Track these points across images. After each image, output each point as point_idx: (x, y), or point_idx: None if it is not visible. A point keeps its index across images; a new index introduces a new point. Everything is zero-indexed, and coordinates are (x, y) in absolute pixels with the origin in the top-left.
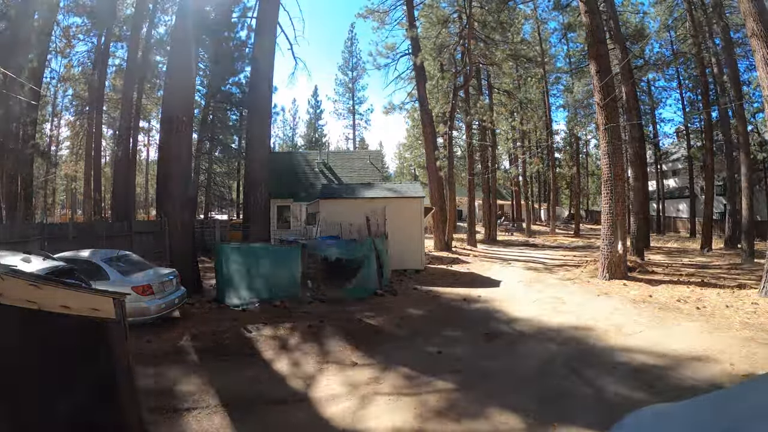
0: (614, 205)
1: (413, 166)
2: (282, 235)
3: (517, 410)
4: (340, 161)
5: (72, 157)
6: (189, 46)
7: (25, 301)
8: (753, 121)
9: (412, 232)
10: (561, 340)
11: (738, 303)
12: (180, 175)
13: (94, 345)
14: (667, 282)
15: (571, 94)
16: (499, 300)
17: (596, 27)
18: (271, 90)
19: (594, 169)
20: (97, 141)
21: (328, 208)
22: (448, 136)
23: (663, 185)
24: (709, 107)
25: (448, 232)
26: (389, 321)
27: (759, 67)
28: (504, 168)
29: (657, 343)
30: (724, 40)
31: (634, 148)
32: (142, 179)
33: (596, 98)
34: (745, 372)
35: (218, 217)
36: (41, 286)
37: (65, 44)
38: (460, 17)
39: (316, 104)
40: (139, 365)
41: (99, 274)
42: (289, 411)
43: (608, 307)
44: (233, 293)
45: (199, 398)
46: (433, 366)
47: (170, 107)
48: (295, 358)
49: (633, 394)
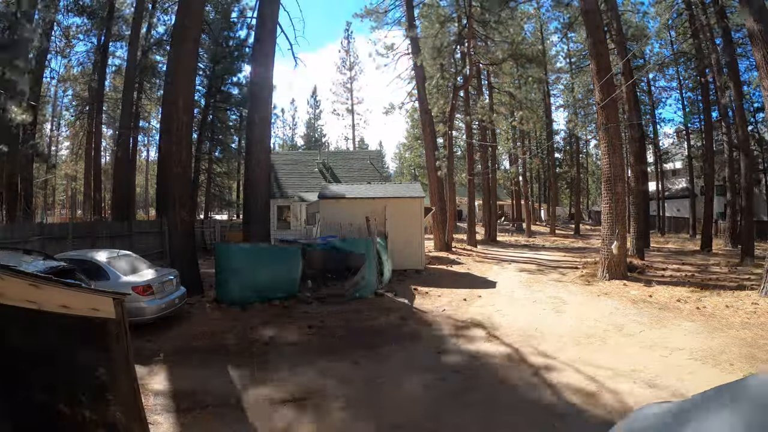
0: (614, 206)
1: (413, 166)
2: (282, 235)
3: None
4: (340, 161)
5: (72, 157)
6: (189, 46)
7: (25, 301)
8: (753, 121)
9: (412, 232)
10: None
11: (738, 303)
12: (180, 175)
13: (94, 345)
14: (667, 282)
15: (571, 94)
16: (500, 301)
17: (596, 27)
18: (270, 90)
19: (594, 169)
20: (97, 141)
21: (328, 208)
22: (448, 136)
23: (663, 185)
24: (709, 107)
25: (448, 232)
26: (390, 321)
27: (759, 66)
28: (504, 168)
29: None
30: (724, 40)
31: (634, 148)
32: (142, 179)
33: (596, 98)
34: (745, 372)
35: (218, 217)
36: (41, 286)
37: (65, 44)
38: (459, 17)
39: (315, 104)
40: (139, 365)
41: (99, 274)
42: (292, 412)
43: (608, 307)
44: (233, 293)
45: (199, 398)
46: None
47: (170, 107)
48: (295, 358)
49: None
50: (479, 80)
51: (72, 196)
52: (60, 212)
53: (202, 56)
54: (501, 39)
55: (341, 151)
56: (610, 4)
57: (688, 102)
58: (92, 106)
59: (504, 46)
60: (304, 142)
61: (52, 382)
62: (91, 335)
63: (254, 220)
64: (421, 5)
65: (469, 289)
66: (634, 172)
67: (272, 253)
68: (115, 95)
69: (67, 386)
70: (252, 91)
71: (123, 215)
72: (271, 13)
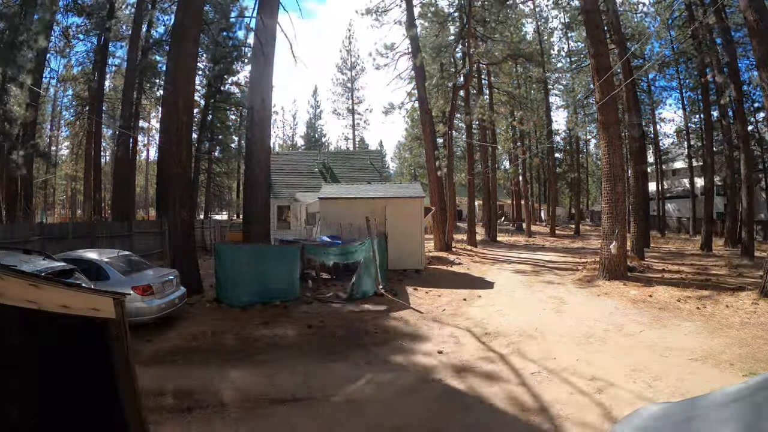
0: (614, 206)
1: (413, 166)
2: (282, 235)
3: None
4: (340, 161)
5: (72, 157)
6: (189, 45)
7: (25, 301)
8: (753, 121)
9: (412, 232)
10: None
11: (738, 303)
12: (180, 175)
13: (94, 345)
14: (667, 282)
15: (571, 94)
16: (500, 301)
17: (596, 26)
18: (270, 90)
19: (594, 169)
20: (97, 141)
21: (328, 208)
22: (448, 136)
23: (663, 185)
24: (709, 107)
25: (448, 233)
26: (390, 321)
27: (759, 66)
28: (504, 168)
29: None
30: (724, 40)
31: (634, 148)
32: (142, 179)
33: (596, 98)
34: (745, 372)
35: (218, 217)
36: (41, 286)
37: (65, 44)
38: (460, 16)
39: (316, 104)
40: (139, 365)
41: (99, 274)
42: (292, 412)
43: (608, 307)
44: (233, 293)
45: (199, 398)
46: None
47: (170, 107)
48: (295, 358)
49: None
50: (479, 80)
51: (72, 196)
52: (60, 212)
53: (201, 56)
54: (501, 38)
55: (341, 151)
56: (609, 4)
57: (688, 102)
58: (92, 106)
59: (504, 46)
60: (304, 142)
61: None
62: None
63: (254, 220)
64: (421, 5)
65: (468, 290)
66: (634, 172)
67: (272, 253)
68: (115, 95)
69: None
70: (251, 91)
71: (123, 215)
72: (270, 13)
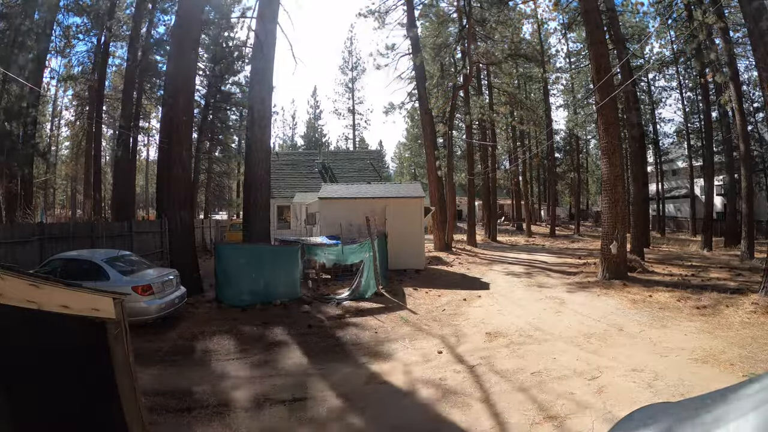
0: (614, 206)
1: (413, 166)
2: (282, 235)
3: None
4: (340, 161)
5: (72, 157)
6: (189, 45)
7: (25, 301)
8: (753, 121)
9: (412, 232)
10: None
11: (738, 303)
12: (180, 175)
13: (94, 345)
14: (667, 282)
15: (571, 94)
16: (500, 301)
17: (596, 26)
18: (270, 90)
19: (594, 168)
20: (97, 141)
21: (328, 208)
22: (448, 136)
23: (663, 185)
24: (709, 107)
25: (447, 233)
26: (391, 321)
27: (759, 66)
28: (504, 168)
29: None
30: (723, 40)
31: (633, 148)
32: (142, 179)
33: (596, 98)
34: (745, 372)
35: (218, 217)
36: (41, 286)
37: (65, 44)
38: (460, 17)
39: (316, 104)
40: (139, 365)
41: (99, 274)
42: (292, 412)
43: (608, 307)
44: (233, 293)
45: (199, 398)
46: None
47: (170, 107)
48: (295, 358)
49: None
50: (479, 80)
51: (72, 196)
52: (60, 212)
53: (202, 56)
54: (501, 39)
55: (341, 151)
56: (609, 4)
57: (688, 102)
58: (92, 106)
59: (503, 46)
60: (304, 142)
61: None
62: (91, 335)
63: (254, 220)
64: (421, 5)
65: (468, 290)
66: (634, 173)
67: (272, 253)
68: (115, 95)
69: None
70: (252, 91)
71: (123, 215)
72: (270, 13)
